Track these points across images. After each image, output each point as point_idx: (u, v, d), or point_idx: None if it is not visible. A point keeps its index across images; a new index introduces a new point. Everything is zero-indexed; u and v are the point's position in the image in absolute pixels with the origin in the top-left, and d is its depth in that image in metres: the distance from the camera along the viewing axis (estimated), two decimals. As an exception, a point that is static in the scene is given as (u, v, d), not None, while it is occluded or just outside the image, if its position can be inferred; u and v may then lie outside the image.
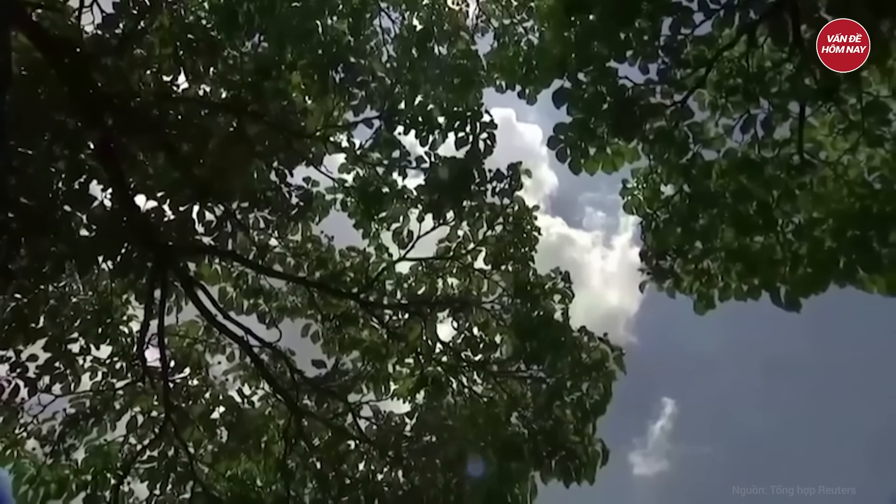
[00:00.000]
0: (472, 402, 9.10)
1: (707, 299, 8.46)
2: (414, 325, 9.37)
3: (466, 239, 9.66)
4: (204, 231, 8.84)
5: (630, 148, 8.41)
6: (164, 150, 8.53)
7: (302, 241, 9.86)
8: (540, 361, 8.95)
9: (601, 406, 8.69)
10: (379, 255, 9.82)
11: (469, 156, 9.11)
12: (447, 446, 8.35)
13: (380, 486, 8.60)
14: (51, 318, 8.81)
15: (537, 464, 8.62)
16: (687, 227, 8.43)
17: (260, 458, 8.99)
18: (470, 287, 9.68)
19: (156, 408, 9.04)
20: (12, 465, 8.79)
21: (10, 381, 8.63)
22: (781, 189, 7.87)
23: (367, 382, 9.46)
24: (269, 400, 9.42)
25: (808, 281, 7.94)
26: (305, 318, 9.91)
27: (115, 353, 9.24)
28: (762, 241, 8.25)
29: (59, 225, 8.06)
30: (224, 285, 9.85)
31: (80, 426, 8.97)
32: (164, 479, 8.75)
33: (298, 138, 9.20)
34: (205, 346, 9.59)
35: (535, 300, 9.16)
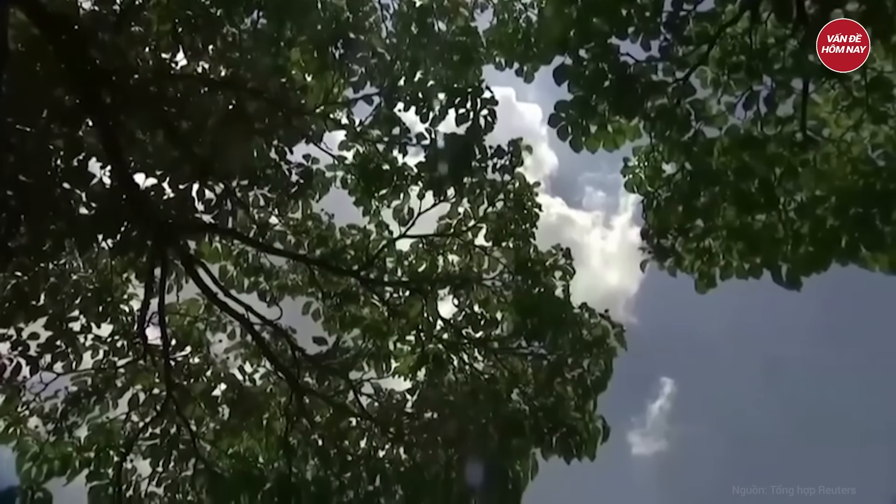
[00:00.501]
0: (473, 380, 9.13)
1: (708, 278, 8.47)
2: (415, 302, 9.38)
3: (467, 216, 9.64)
4: (204, 209, 8.79)
5: (631, 126, 8.38)
6: (163, 128, 8.46)
7: (302, 218, 9.83)
8: (541, 338, 8.97)
9: (602, 382, 8.73)
10: (379, 233, 9.80)
11: (469, 132, 9.05)
12: (448, 423, 8.39)
13: (381, 463, 8.64)
14: (51, 297, 8.80)
15: (538, 440, 8.66)
16: (688, 205, 8.41)
17: (262, 435, 9.03)
18: (471, 264, 9.68)
19: (157, 385, 9.05)
20: (15, 442, 8.83)
21: (12, 359, 8.63)
22: (784, 166, 7.85)
23: (368, 360, 9.49)
24: (271, 378, 9.44)
25: (809, 259, 7.95)
26: (306, 296, 9.92)
27: (116, 331, 9.24)
28: (764, 219, 8.23)
29: (59, 203, 8.02)
30: (224, 263, 9.84)
31: (83, 404, 8.99)
32: (166, 456, 8.79)
33: (298, 115, 9.13)
34: (206, 325, 9.59)
35: (536, 277, 9.17)
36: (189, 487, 8.75)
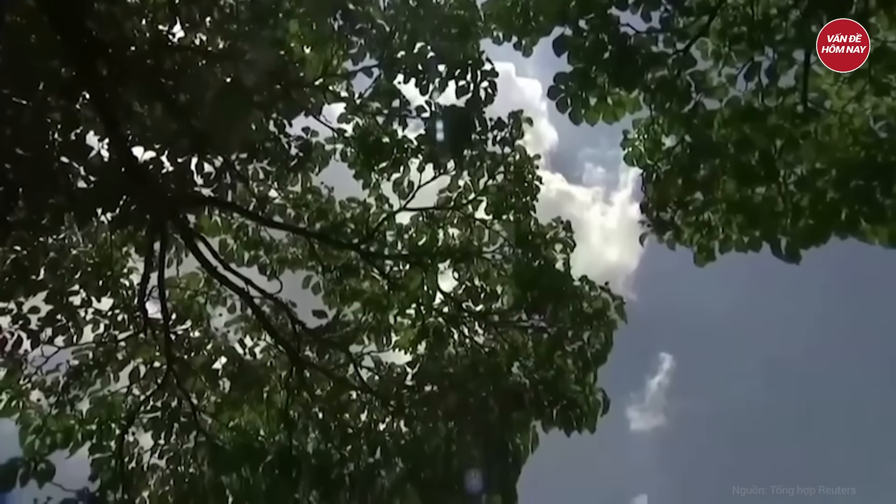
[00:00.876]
0: (474, 353, 9.15)
1: (707, 251, 8.45)
2: (414, 274, 9.37)
3: (467, 189, 9.61)
4: (203, 182, 8.77)
5: (631, 98, 8.34)
6: (161, 101, 8.41)
7: (302, 192, 9.81)
8: (541, 311, 8.98)
9: (602, 355, 8.76)
10: (379, 206, 9.77)
11: (469, 104, 8.99)
12: (448, 396, 8.42)
13: (381, 436, 8.69)
14: (51, 271, 8.81)
15: (538, 413, 8.70)
16: (688, 178, 8.38)
17: (262, 408, 9.07)
18: (471, 237, 9.67)
19: (158, 359, 9.08)
20: (18, 415, 8.88)
21: (13, 333, 8.67)
22: (785, 138, 7.81)
23: (369, 334, 9.51)
24: (271, 351, 9.46)
25: (809, 232, 7.93)
26: (306, 270, 9.92)
27: (117, 305, 9.26)
28: (764, 192, 8.20)
29: (57, 177, 8.00)
30: (224, 237, 9.83)
31: (84, 377, 9.03)
32: (167, 428, 8.84)
33: (297, 88, 9.06)
34: (206, 298, 9.61)
35: (537, 250, 9.16)
36: (190, 459, 8.81)
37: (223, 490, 8.59)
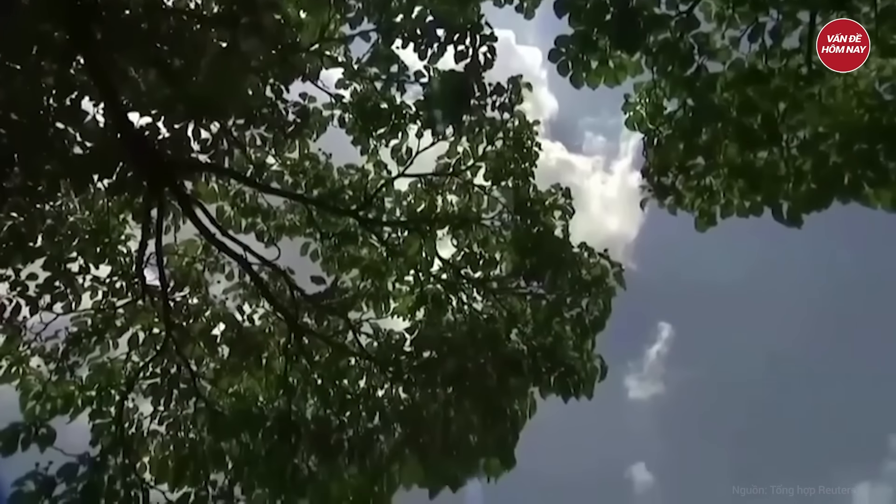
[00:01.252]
0: (472, 320, 9.12)
1: (708, 216, 8.36)
2: (413, 241, 9.32)
3: (466, 155, 9.52)
4: (200, 149, 8.70)
5: (633, 61, 8.19)
6: (156, 66, 8.31)
7: (299, 158, 9.74)
8: (540, 278, 8.94)
9: (600, 322, 8.73)
10: (377, 172, 9.70)
11: (468, 69, 8.87)
12: (447, 361, 8.41)
13: (380, 402, 8.71)
14: (48, 238, 8.78)
15: (536, 380, 8.71)
16: (690, 142, 8.26)
17: (261, 374, 9.08)
18: (469, 203, 9.59)
19: (156, 325, 9.08)
20: (18, 381, 8.91)
21: (11, 299, 8.67)
22: (788, 101, 7.67)
23: (367, 301, 9.49)
24: (270, 318, 9.44)
25: (811, 197, 7.83)
26: (304, 237, 9.87)
27: (115, 272, 9.24)
28: (766, 156, 8.09)
29: (52, 142, 7.94)
30: (221, 204, 9.78)
31: (83, 344, 9.04)
32: (167, 395, 8.86)
33: (294, 52, 8.95)
34: (204, 265, 9.57)
35: (536, 216, 9.09)
36: (190, 425, 8.84)
37: (223, 455, 8.62)
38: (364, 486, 8.43)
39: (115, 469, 8.39)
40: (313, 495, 8.38)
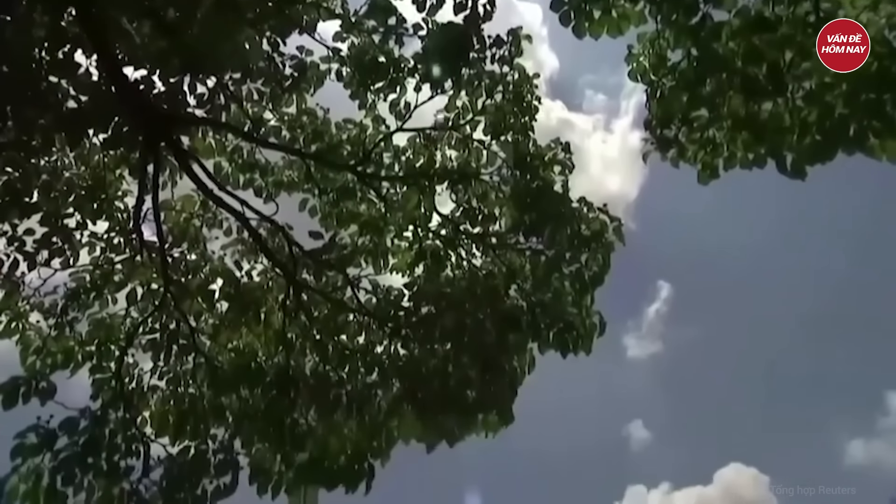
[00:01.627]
0: (471, 275, 9.06)
1: (711, 168, 8.20)
2: (412, 195, 9.22)
3: (465, 109, 9.35)
4: (196, 104, 8.59)
5: (636, 10, 7.98)
6: (150, 18, 8.17)
7: (297, 113, 9.61)
8: (539, 233, 8.85)
9: (599, 277, 8.65)
10: (376, 127, 9.56)
11: (468, 21, 8.67)
12: (445, 316, 8.37)
13: (379, 357, 8.70)
14: (44, 193, 8.73)
15: (535, 335, 8.67)
16: (693, 93, 8.07)
17: (260, 330, 9.06)
18: (469, 158, 9.45)
19: (155, 281, 9.06)
20: (18, 336, 8.94)
21: (9, 254, 8.65)
22: (795, 50, 7.46)
23: (366, 257, 9.43)
24: (268, 274, 9.41)
25: (815, 149, 7.66)
26: (302, 193, 9.78)
27: (112, 228, 9.21)
28: (770, 108, 7.92)
29: (46, 96, 7.85)
30: (219, 160, 9.69)
31: (82, 300, 9.05)
32: (166, 350, 8.86)
33: (290, 5, 8.78)
34: (201, 221, 9.51)
35: (535, 171, 8.96)
36: (190, 380, 8.87)
37: (223, 410, 8.65)
38: (363, 441, 8.45)
39: (116, 423, 8.43)
40: (312, 449, 8.41)
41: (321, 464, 8.45)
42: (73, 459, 7.80)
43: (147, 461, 8.27)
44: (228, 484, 8.17)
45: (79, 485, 7.83)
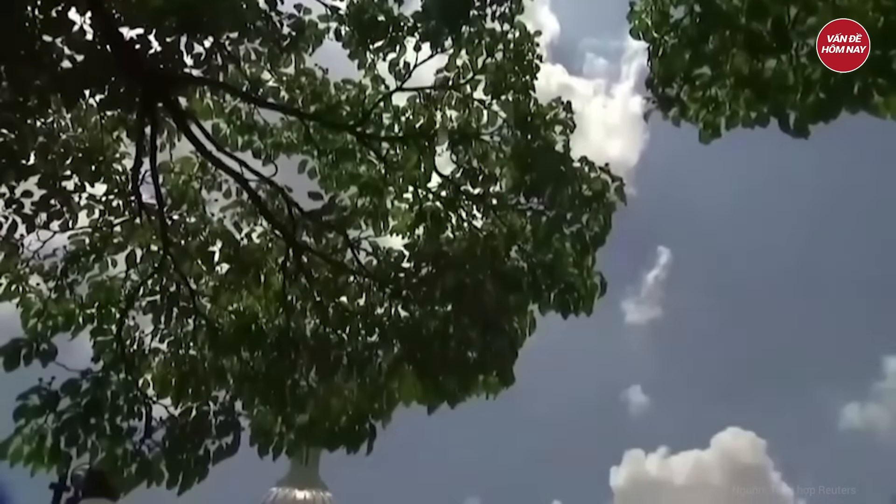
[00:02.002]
0: (471, 237, 9.02)
1: (713, 127, 8.11)
2: (411, 155, 9.13)
3: (465, 68, 9.23)
4: (193, 64, 8.48)
5: (638, -34, 7.88)
6: (145, -25, 8.04)
7: (295, 73, 9.49)
8: (540, 193, 8.79)
9: (601, 238, 8.61)
10: (375, 87, 9.44)
11: (468, -23, 8.55)
12: (445, 277, 8.34)
13: (379, 318, 8.69)
14: (41, 155, 8.68)
15: (536, 296, 8.66)
16: (696, 51, 7.95)
17: (260, 292, 9.05)
18: (469, 118, 9.35)
19: (154, 243, 9.03)
20: (19, 299, 8.94)
21: (7, 217, 8.62)
22: (800, 4, 7.34)
23: (366, 219, 9.38)
24: (268, 236, 9.37)
25: (819, 107, 7.57)
26: (301, 155, 9.70)
27: (110, 190, 9.16)
28: (774, 65, 7.81)
29: (40, 56, 7.76)
30: (217, 122, 9.60)
31: (81, 262, 9.02)
32: (167, 312, 8.86)
33: (287, -38, 8.65)
34: (200, 183, 9.45)
35: (536, 131, 8.87)
36: (191, 343, 8.88)
37: (224, 372, 8.67)
38: (363, 402, 8.48)
39: (118, 385, 8.47)
40: (313, 411, 8.45)
41: (322, 425, 8.49)
42: (75, 420, 7.85)
43: (149, 422, 8.33)
44: (230, 444, 8.23)
45: (82, 445, 7.90)
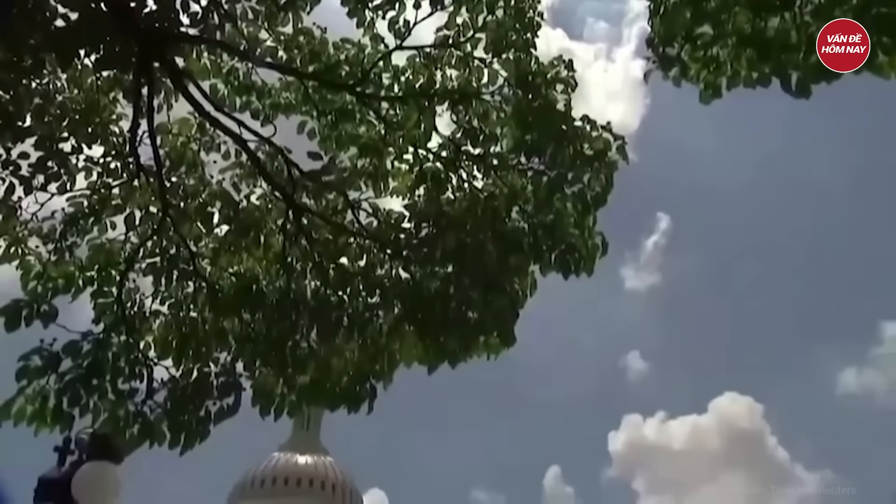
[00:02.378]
0: (472, 197, 8.99)
1: (714, 88, 8.05)
2: (411, 114, 9.05)
3: (465, 26, 9.10)
4: (189, 23, 8.37)
5: (642, -79, 7.76)
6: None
7: (293, 33, 9.34)
8: (541, 153, 8.74)
9: (602, 198, 8.60)
10: (374, 47, 9.30)
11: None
12: (446, 237, 8.35)
13: (380, 279, 8.71)
14: (38, 117, 8.58)
15: (537, 257, 8.67)
16: (697, 9, 7.88)
17: (260, 254, 9.04)
18: (469, 77, 9.24)
19: (153, 204, 8.99)
20: (18, 261, 8.91)
21: (4, 178, 8.55)
22: (804, -40, 7.26)
23: (366, 180, 9.33)
24: (267, 198, 9.33)
25: (822, 67, 7.52)
26: (300, 115, 9.60)
27: (108, 152, 9.08)
28: (777, 24, 7.73)
29: (34, 14, 7.66)
30: (214, 82, 9.47)
31: (80, 225, 8.98)
32: (167, 274, 8.86)
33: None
34: (199, 144, 9.37)
35: (537, 90, 8.78)
36: (191, 304, 8.89)
37: (224, 333, 8.71)
38: (364, 363, 8.54)
39: (119, 346, 8.53)
40: (314, 371, 8.51)
41: (323, 385, 8.57)
42: (77, 381, 7.91)
43: (151, 383, 8.40)
44: (231, 405, 8.31)
45: (84, 406, 7.95)
